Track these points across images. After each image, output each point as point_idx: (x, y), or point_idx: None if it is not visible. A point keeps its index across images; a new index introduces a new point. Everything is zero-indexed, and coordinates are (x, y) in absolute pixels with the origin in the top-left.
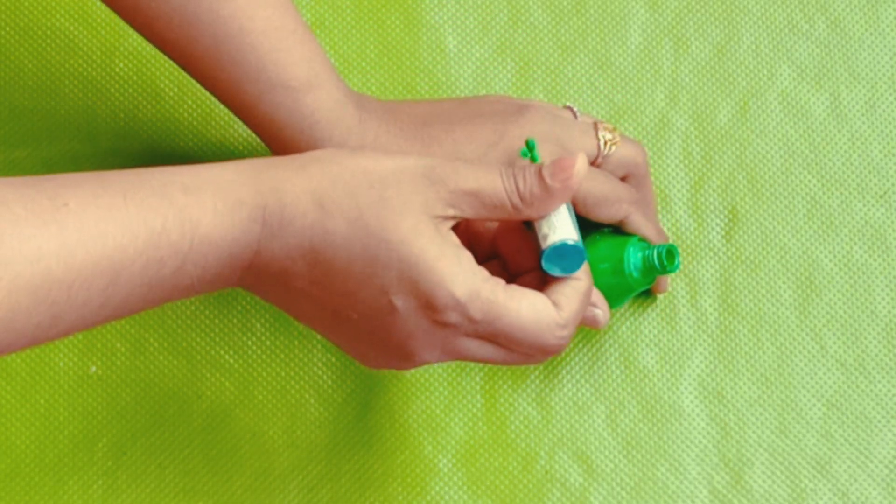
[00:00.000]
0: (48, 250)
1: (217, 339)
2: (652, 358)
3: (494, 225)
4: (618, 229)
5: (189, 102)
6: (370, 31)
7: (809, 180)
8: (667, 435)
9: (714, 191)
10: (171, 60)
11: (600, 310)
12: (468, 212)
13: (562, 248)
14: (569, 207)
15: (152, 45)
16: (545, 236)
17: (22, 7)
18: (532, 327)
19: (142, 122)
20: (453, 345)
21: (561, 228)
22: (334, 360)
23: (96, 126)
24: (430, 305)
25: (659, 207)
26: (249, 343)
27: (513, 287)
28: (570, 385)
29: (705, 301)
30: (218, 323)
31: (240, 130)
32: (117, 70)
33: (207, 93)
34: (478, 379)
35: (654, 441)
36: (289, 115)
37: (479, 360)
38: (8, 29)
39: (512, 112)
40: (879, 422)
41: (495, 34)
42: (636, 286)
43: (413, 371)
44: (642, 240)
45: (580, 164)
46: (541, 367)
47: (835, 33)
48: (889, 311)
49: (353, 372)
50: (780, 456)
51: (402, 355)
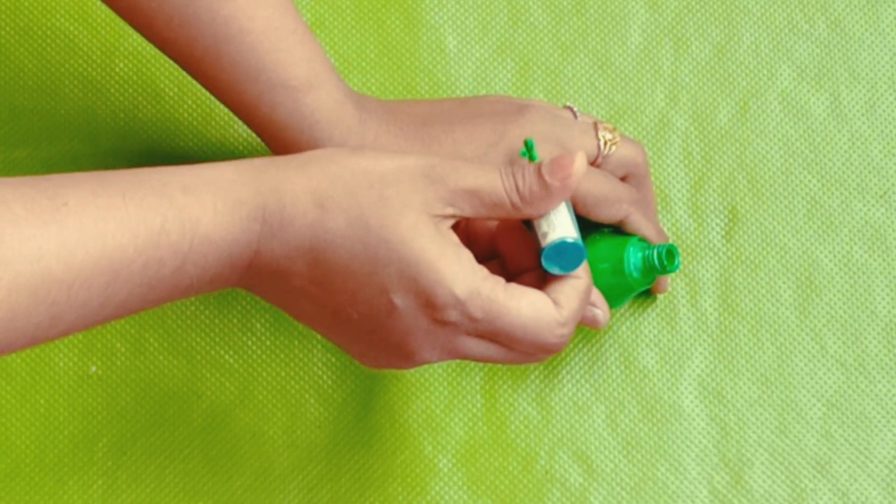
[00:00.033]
0: (48, 250)
1: (217, 339)
2: (652, 358)
3: (494, 224)
4: (618, 229)
5: (189, 102)
6: (370, 31)
7: (809, 180)
8: (667, 435)
9: (714, 191)
10: (171, 60)
11: (600, 310)
12: (468, 210)
13: (561, 245)
14: (568, 206)
15: (152, 44)
16: (545, 234)
17: (22, 7)
18: (532, 326)
19: (142, 122)
20: (453, 343)
21: (560, 227)
22: (334, 360)
23: (96, 126)
24: (431, 304)
25: (659, 207)
26: (249, 343)
27: (513, 285)
28: (570, 385)
29: (705, 301)
30: (218, 323)
31: (240, 130)
32: (117, 70)
33: (207, 93)
34: (478, 379)
35: (654, 441)
36: (289, 115)
37: (478, 360)
38: (8, 29)
39: (512, 112)
40: (879, 422)
41: (495, 34)
42: (636, 286)
43: (413, 371)
44: (642, 240)
45: (579, 162)
46: (541, 366)
47: (835, 33)
48: (889, 311)
49: (353, 372)
50: (780, 456)
51: (402, 354)
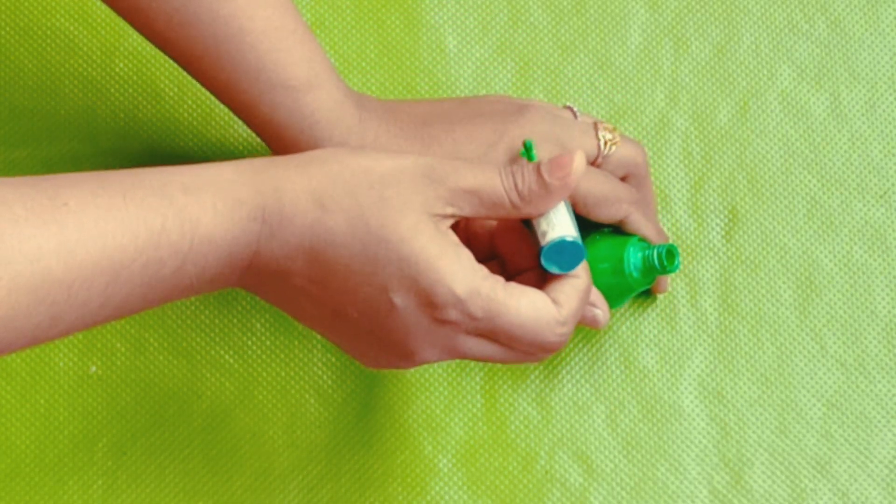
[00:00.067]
0: (48, 250)
1: (217, 339)
2: (652, 358)
3: (493, 225)
4: (618, 229)
5: (189, 102)
6: (370, 31)
7: (809, 180)
8: (667, 435)
9: (714, 191)
10: (171, 60)
11: (600, 310)
12: (467, 210)
13: (561, 244)
14: (567, 206)
15: (152, 44)
16: (544, 233)
17: (22, 7)
18: (532, 325)
19: (142, 122)
20: (453, 343)
21: (560, 226)
22: (334, 360)
23: (96, 126)
24: (431, 303)
25: (659, 207)
26: (249, 343)
27: (512, 284)
28: (570, 385)
29: (705, 301)
30: (218, 323)
31: (240, 130)
32: (117, 70)
33: (207, 93)
34: (478, 379)
35: (654, 441)
36: (289, 115)
37: (478, 359)
38: (8, 29)
39: (512, 112)
40: (879, 422)
41: (495, 34)
42: (636, 286)
43: (413, 371)
44: (642, 240)
45: (578, 161)
46: (541, 366)
47: (835, 33)
48: (889, 311)
49: (353, 372)
50: (780, 456)
51: (402, 354)
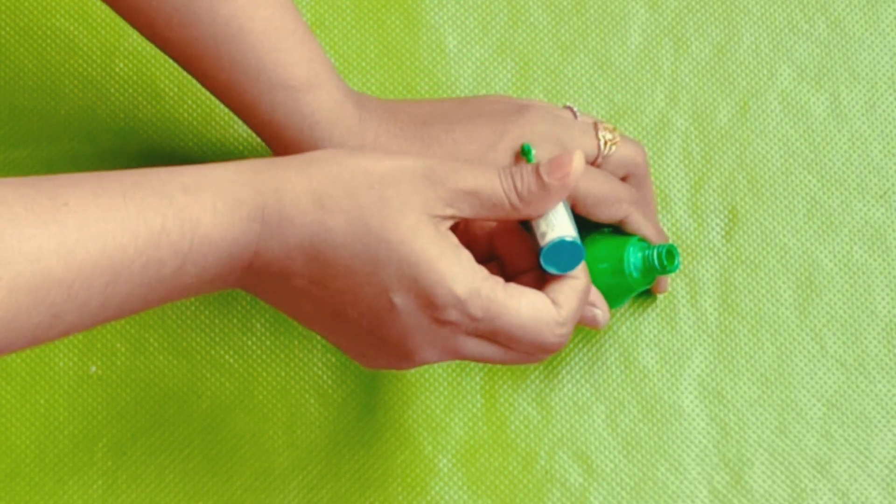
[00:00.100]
0: (48, 250)
1: (217, 339)
2: (652, 358)
3: (492, 226)
4: (618, 229)
5: (189, 102)
6: (370, 31)
7: (809, 180)
8: (667, 435)
9: (714, 191)
10: (171, 60)
11: (600, 310)
12: (467, 211)
13: (560, 245)
14: (566, 206)
15: (152, 44)
16: (543, 234)
17: (22, 7)
18: (531, 325)
19: (142, 122)
20: (453, 343)
21: (559, 226)
22: (334, 360)
23: (96, 126)
24: (431, 303)
25: (659, 207)
26: (249, 343)
27: (512, 285)
28: (570, 385)
29: (705, 301)
30: (218, 323)
31: (240, 130)
32: (117, 70)
33: (207, 93)
34: (478, 379)
35: (654, 441)
36: (288, 115)
37: (478, 360)
38: (8, 29)
39: (512, 112)
40: (879, 422)
41: (495, 34)
42: (636, 286)
43: (413, 371)
44: (642, 240)
45: (577, 161)
46: (541, 366)
47: (835, 33)
48: (889, 311)
49: (353, 372)
50: (780, 456)
51: (402, 354)
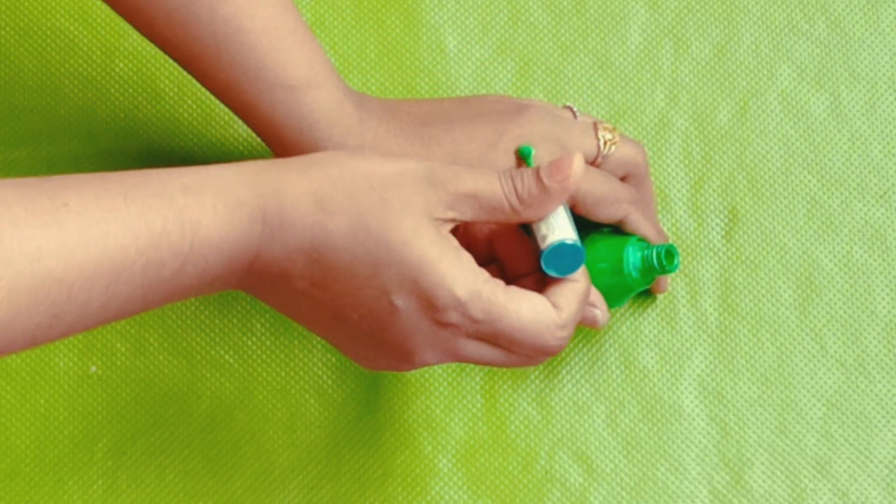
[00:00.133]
0: (48, 250)
1: (217, 339)
2: (652, 358)
3: (492, 229)
4: (617, 229)
5: (189, 102)
6: (370, 31)
7: (809, 180)
8: (667, 435)
9: (714, 191)
10: (171, 60)
11: (599, 310)
12: (468, 214)
13: (560, 248)
14: (566, 209)
15: (152, 44)
16: (544, 237)
17: (22, 7)
18: (532, 328)
19: (142, 122)
20: (453, 346)
21: (559, 229)
22: (334, 360)
23: (96, 126)
24: (431, 306)
25: (659, 207)
26: (249, 343)
27: (513, 288)
28: (570, 385)
29: (705, 301)
30: (218, 323)
31: (240, 130)
32: (117, 70)
33: (207, 93)
34: (478, 379)
35: (654, 441)
36: (288, 115)
37: (478, 362)
38: (8, 29)
39: (512, 112)
40: (879, 422)
41: (495, 34)
42: (635, 286)
43: (413, 371)
44: (641, 239)
45: (577, 164)
46: (541, 367)
47: (835, 33)
48: (889, 311)
49: (353, 372)
50: (780, 456)
51: (402, 356)
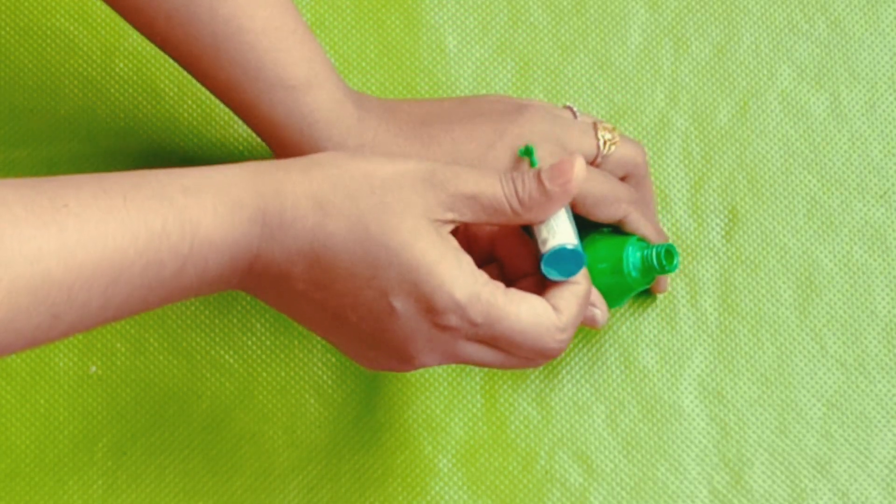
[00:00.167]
0: (48, 251)
1: (217, 339)
2: (652, 358)
3: (493, 228)
4: (617, 229)
5: (189, 102)
6: (370, 31)
7: (809, 180)
8: (667, 435)
9: (714, 191)
10: (171, 60)
11: (599, 309)
12: (468, 215)
13: (561, 252)
14: (567, 211)
15: (152, 44)
16: (544, 241)
17: (22, 7)
18: (532, 331)
19: (142, 122)
20: (453, 348)
21: (560, 233)
22: (334, 360)
23: (96, 126)
24: (431, 308)
25: (659, 207)
26: (249, 343)
27: (512, 290)
28: (570, 385)
29: (705, 301)
30: (218, 323)
31: (240, 130)
32: (117, 70)
33: (207, 93)
34: (478, 379)
35: (654, 441)
36: (288, 115)
37: (478, 364)
38: (8, 29)
39: (511, 111)
40: (879, 422)
41: (495, 34)
42: (635, 286)
43: (413, 371)
44: (641, 239)
45: (579, 167)
46: (541, 367)
47: (835, 33)
48: (889, 311)
49: (353, 372)
50: (780, 456)
51: (402, 358)
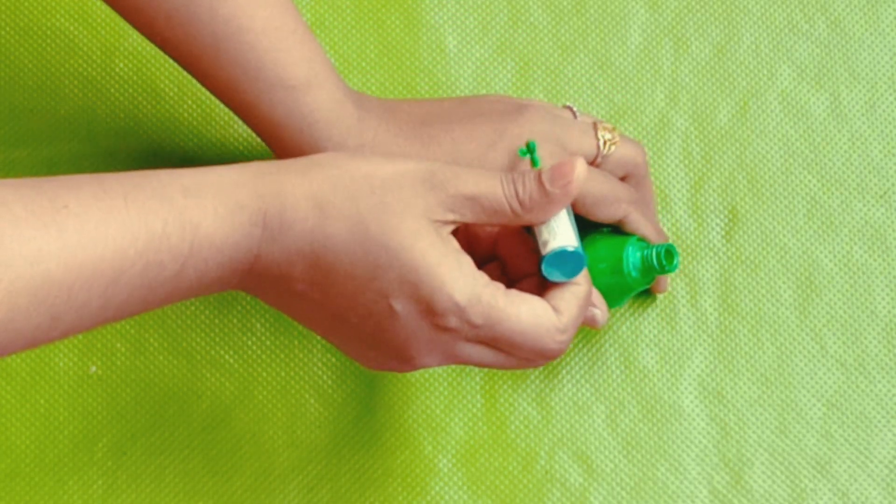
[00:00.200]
0: (48, 252)
1: (217, 339)
2: (652, 358)
3: (494, 228)
4: (617, 229)
5: (189, 102)
6: (370, 31)
7: (809, 180)
8: (667, 435)
9: (714, 191)
10: (171, 60)
11: (599, 309)
12: (468, 216)
13: (562, 254)
14: (568, 212)
15: (152, 44)
16: (545, 242)
17: (22, 7)
18: (532, 332)
19: (142, 122)
20: (453, 349)
21: (561, 234)
22: (334, 360)
23: (96, 126)
24: (431, 310)
25: (659, 207)
26: (249, 343)
27: (513, 292)
28: (570, 385)
29: (705, 301)
30: (218, 323)
31: (240, 130)
32: (117, 70)
33: (207, 93)
34: (478, 379)
35: (654, 441)
36: (288, 115)
37: (478, 365)
38: (8, 29)
39: (511, 111)
40: (879, 422)
41: (495, 34)
42: (635, 286)
43: (413, 371)
44: (641, 239)
45: (579, 169)
46: (541, 367)
47: (835, 33)
48: (889, 311)
49: (353, 372)
50: (780, 456)
51: (402, 358)
